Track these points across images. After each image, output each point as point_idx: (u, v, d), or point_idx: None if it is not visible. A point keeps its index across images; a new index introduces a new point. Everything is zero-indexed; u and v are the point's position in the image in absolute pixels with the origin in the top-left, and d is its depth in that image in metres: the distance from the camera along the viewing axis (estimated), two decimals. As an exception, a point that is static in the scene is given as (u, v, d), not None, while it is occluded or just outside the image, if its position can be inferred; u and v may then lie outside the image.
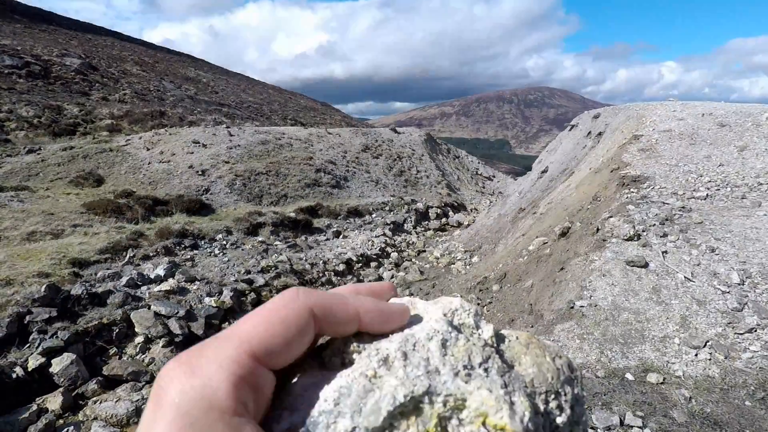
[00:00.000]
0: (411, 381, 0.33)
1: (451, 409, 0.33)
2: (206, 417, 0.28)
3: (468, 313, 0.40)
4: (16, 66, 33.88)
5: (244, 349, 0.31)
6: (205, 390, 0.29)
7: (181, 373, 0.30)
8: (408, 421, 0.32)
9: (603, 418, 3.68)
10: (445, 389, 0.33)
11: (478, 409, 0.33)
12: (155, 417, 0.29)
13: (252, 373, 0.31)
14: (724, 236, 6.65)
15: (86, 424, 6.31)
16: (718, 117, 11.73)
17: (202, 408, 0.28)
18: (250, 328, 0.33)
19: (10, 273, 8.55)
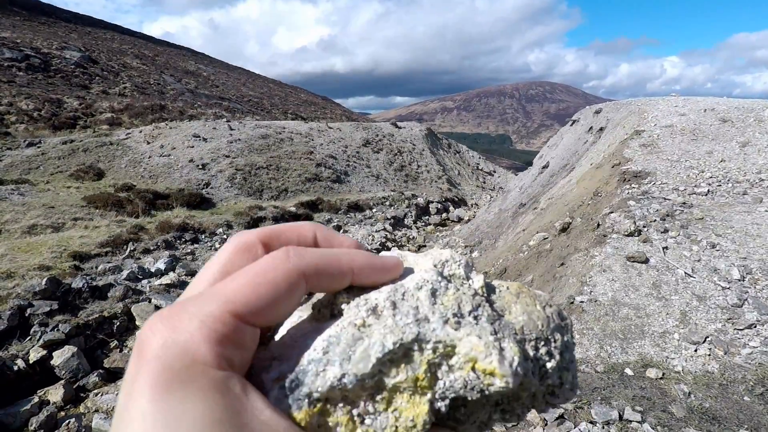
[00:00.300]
0: (400, 329, 0.33)
1: (441, 356, 0.33)
2: (189, 371, 0.28)
3: (458, 264, 0.39)
4: (15, 59, 33.78)
5: (227, 309, 0.31)
6: (188, 345, 0.29)
7: (163, 327, 0.30)
8: (397, 368, 0.33)
9: (602, 413, 3.70)
10: (434, 336, 0.33)
11: (468, 354, 0.33)
12: (138, 370, 0.29)
13: (235, 331, 0.31)
14: (725, 232, 6.65)
15: (87, 417, 6.34)
16: (720, 112, 11.69)
17: (185, 362, 0.28)
18: (236, 287, 0.32)
19: (11, 266, 8.57)
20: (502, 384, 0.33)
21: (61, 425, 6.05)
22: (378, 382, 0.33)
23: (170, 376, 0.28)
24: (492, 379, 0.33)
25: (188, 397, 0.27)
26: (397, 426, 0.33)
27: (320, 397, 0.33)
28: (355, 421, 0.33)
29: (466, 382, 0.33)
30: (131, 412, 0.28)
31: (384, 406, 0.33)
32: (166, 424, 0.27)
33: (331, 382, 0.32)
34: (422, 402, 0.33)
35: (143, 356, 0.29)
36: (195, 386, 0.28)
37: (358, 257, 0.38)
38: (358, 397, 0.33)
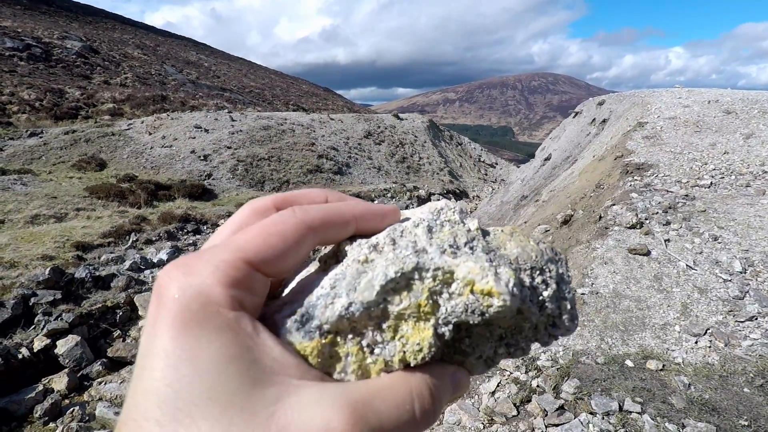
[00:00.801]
0: (400, 260, 0.35)
1: (441, 283, 0.35)
2: (205, 310, 0.30)
3: (453, 211, 0.41)
4: (17, 48, 33.68)
5: (239, 256, 0.33)
6: (202, 287, 0.31)
7: (179, 273, 0.32)
8: (400, 295, 0.35)
9: (602, 404, 3.72)
10: (432, 264, 0.35)
11: (465, 278, 0.35)
12: (158, 313, 0.31)
13: (246, 276, 0.33)
14: (727, 225, 6.63)
15: (91, 405, 6.40)
16: (724, 104, 11.62)
17: (200, 302, 0.30)
18: (248, 238, 0.35)
19: (15, 255, 8.61)
20: (500, 303, 0.35)
21: (66, 413, 6.12)
22: (383, 311, 0.35)
23: (187, 316, 0.30)
24: (490, 299, 0.35)
25: (204, 335, 0.30)
26: (404, 351, 0.35)
27: (330, 329, 0.34)
28: (364, 351, 0.35)
29: (467, 306, 0.35)
30: (154, 350, 0.30)
31: (391, 334, 0.35)
32: (186, 358, 0.29)
33: (339, 311, 0.34)
34: (426, 327, 0.35)
35: (162, 300, 0.31)
36: (210, 325, 0.30)
37: (358, 206, 0.41)
38: (365, 328, 0.35)
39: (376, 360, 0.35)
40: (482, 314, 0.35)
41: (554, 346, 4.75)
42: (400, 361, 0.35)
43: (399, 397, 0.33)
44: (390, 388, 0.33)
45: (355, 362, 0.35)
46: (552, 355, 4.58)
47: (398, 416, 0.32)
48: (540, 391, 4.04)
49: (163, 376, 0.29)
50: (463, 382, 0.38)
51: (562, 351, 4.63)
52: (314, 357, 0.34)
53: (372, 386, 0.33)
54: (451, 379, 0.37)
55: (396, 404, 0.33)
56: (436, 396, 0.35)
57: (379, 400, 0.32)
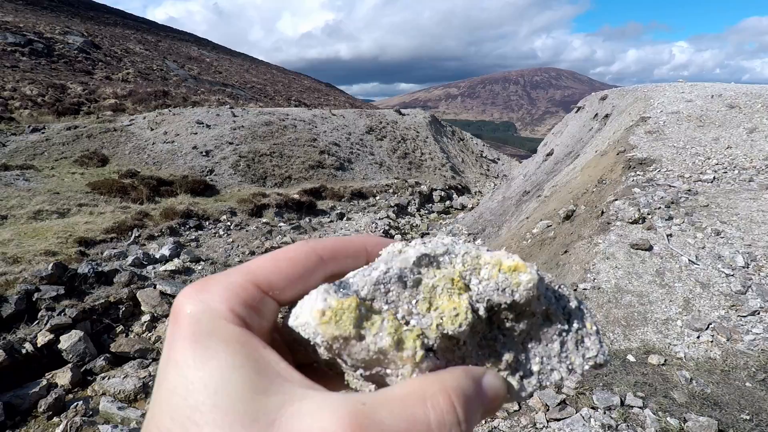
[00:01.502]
0: (431, 248, 0.37)
1: (470, 268, 0.37)
2: (213, 324, 0.33)
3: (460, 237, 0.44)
4: (18, 44, 33.67)
5: (249, 279, 0.36)
6: (212, 303, 0.34)
7: (194, 292, 0.35)
8: (434, 270, 0.37)
9: (604, 399, 3.72)
10: (461, 250, 0.38)
11: (492, 259, 0.37)
12: (174, 329, 0.34)
13: (254, 298, 0.35)
14: (729, 219, 6.61)
15: (95, 400, 6.44)
16: (728, 98, 11.56)
17: (209, 316, 0.33)
18: (259, 263, 0.37)
19: (18, 251, 8.64)
20: (528, 277, 0.36)
21: (69, 407, 6.16)
22: (417, 282, 0.36)
23: (198, 329, 0.33)
24: (518, 275, 0.36)
25: (212, 346, 0.32)
26: (442, 318, 0.35)
27: (366, 295, 0.35)
28: (400, 322, 0.35)
29: (497, 284, 0.36)
30: (169, 363, 0.32)
31: (426, 306, 0.36)
32: (194, 367, 0.31)
33: (377, 276, 0.36)
34: (462, 299, 0.36)
35: (177, 317, 0.34)
36: (218, 337, 0.32)
37: (369, 238, 0.42)
38: (400, 299, 0.36)
39: (411, 329, 0.35)
40: (512, 292, 0.36)
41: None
42: (437, 327, 0.35)
43: (411, 408, 0.31)
44: (402, 398, 0.32)
45: (391, 327, 0.35)
46: (553, 350, 4.58)
47: (408, 428, 0.30)
48: (541, 386, 4.05)
49: (174, 386, 0.31)
50: (496, 386, 0.36)
51: (563, 346, 4.64)
52: (351, 312, 0.34)
53: (382, 395, 0.32)
54: (480, 382, 0.35)
55: (406, 415, 0.31)
56: (460, 405, 0.32)
57: (387, 411, 0.30)
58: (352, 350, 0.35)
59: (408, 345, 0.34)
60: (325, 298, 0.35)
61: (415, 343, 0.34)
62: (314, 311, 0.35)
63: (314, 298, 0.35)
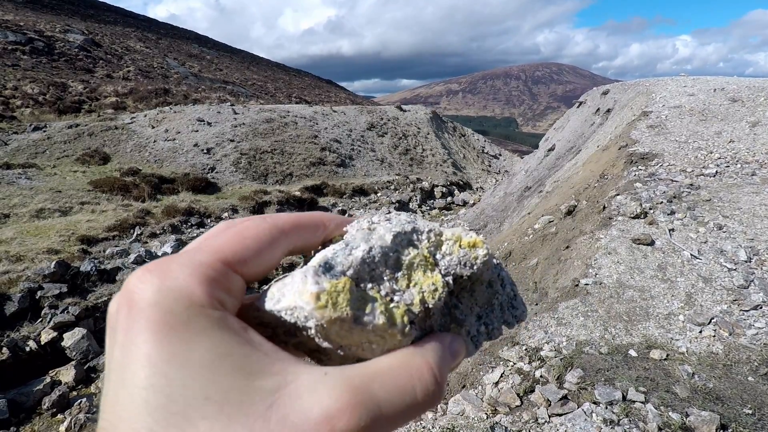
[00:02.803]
0: (399, 226, 0.40)
1: (434, 244, 0.40)
2: (189, 312, 0.30)
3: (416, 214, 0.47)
4: (19, 42, 33.67)
5: (217, 257, 0.34)
6: (184, 289, 0.30)
7: (154, 276, 0.31)
8: (408, 248, 0.39)
9: (605, 394, 3.72)
10: (425, 227, 0.41)
11: (452, 235, 0.41)
12: (132, 318, 0.30)
13: (225, 276, 0.33)
14: (732, 214, 6.59)
15: (98, 396, 6.47)
16: (730, 92, 11.50)
17: (183, 304, 0.30)
18: (223, 240, 0.35)
19: (21, 249, 8.67)
20: (484, 252, 0.41)
21: (73, 404, 6.19)
22: (397, 261, 0.38)
23: (171, 319, 0.29)
24: (476, 250, 0.40)
25: (192, 337, 0.29)
26: (422, 293, 0.38)
27: (353, 275, 0.36)
28: (386, 300, 0.37)
29: (459, 259, 0.40)
30: (134, 359, 0.29)
31: (405, 283, 0.38)
32: (175, 363, 0.28)
33: (361, 255, 0.36)
34: (435, 273, 0.39)
35: (135, 305, 0.30)
36: (197, 326, 0.30)
37: (324, 213, 0.44)
38: (383, 277, 0.37)
39: (398, 305, 0.37)
40: (472, 266, 0.40)
41: (557, 337, 4.74)
42: (420, 302, 0.37)
43: (400, 381, 0.33)
44: (389, 372, 0.33)
45: (381, 305, 0.36)
46: (555, 346, 4.58)
47: (400, 400, 0.32)
48: (543, 381, 4.05)
49: (150, 383, 0.28)
50: (460, 350, 0.40)
51: (565, 341, 4.64)
52: (346, 293, 0.35)
53: (371, 369, 0.33)
54: (450, 349, 0.39)
55: (396, 388, 0.33)
56: (439, 375, 0.35)
57: (378, 385, 0.32)
58: (348, 331, 0.35)
59: (397, 321, 0.36)
60: (317, 281, 0.34)
61: (403, 318, 0.36)
62: (307, 295, 0.34)
63: (302, 281, 0.35)
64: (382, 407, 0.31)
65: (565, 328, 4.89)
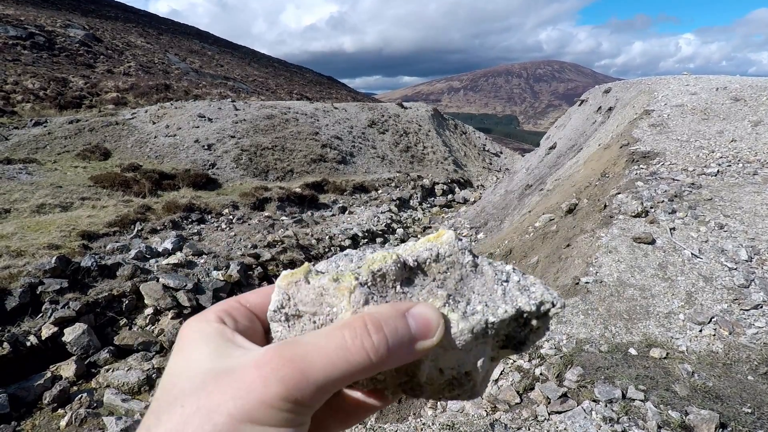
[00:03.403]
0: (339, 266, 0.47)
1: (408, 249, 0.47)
2: (198, 323, 0.45)
3: None
4: (20, 37, 33.60)
5: (234, 299, 0.49)
6: (201, 316, 0.46)
7: (192, 319, 0.46)
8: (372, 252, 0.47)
9: (605, 392, 3.73)
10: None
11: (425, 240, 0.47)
12: (178, 342, 0.45)
13: (235, 309, 0.47)
14: (733, 213, 6.58)
15: (99, 392, 6.49)
16: (733, 91, 11.48)
17: (197, 320, 0.45)
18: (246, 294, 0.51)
19: (21, 244, 8.67)
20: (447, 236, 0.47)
21: (74, 399, 6.20)
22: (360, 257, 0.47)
23: (187, 331, 0.44)
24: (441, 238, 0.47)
25: (195, 338, 0.43)
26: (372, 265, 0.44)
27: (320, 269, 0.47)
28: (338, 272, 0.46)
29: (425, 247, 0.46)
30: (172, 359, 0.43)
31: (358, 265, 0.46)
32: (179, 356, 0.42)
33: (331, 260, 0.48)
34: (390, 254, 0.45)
35: (180, 336, 0.45)
36: (199, 332, 0.43)
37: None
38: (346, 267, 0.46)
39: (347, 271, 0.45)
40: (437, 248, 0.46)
41: (557, 335, 4.75)
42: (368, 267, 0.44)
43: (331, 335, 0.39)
44: (324, 331, 0.40)
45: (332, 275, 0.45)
46: (555, 344, 4.59)
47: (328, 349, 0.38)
48: (543, 379, 4.05)
49: (168, 371, 0.41)
50: (426, 316, 0.42)
51: (565, 339, 4.64)
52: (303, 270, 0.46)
53: (309, 333, 0.43)
54: (407, 315, 0.42)
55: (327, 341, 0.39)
56: (372, 326, 0.40)
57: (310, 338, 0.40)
58: (301, 292, 0.44)
59: (345, 280, 0.43)
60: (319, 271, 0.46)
61: (349, 277, 0.43)
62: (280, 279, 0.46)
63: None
64: (309, 354, 0.37)
65: (565, 326, 4.90)
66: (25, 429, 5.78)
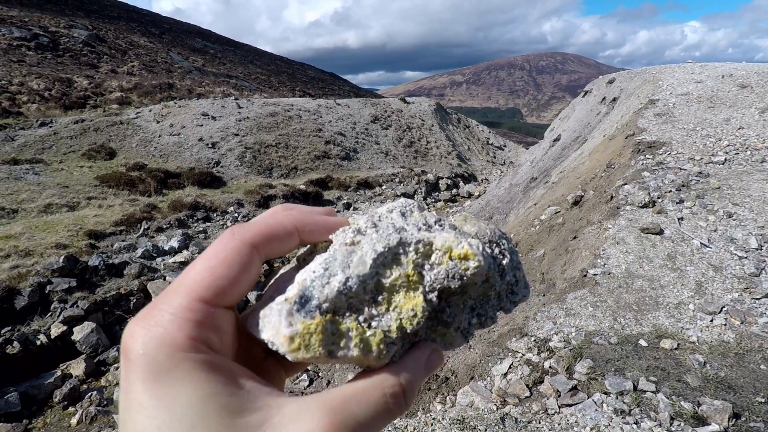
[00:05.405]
0: (384, 238, 0.39)
1: (422, 255, 0.39)
2: (171, 359, 0.31)
3: (413, 205, 0.45)
4: (24, 38, 33.74)
5: (193, 297, 0.34)
6: (164, 337, 0.32)
7: (140, 328, 0.33)
8: (390, 269, 0.38)
9: (616, 384, 3.70)
10: (413, 238, 0.39)
11: (443, 245, 0.39)
12: (128, 368, 0.32)
13: (205, 315, 0.34)
14: (742, 201, 6.51)
15: (109, 390, 6.53)
16: (739, 78, 11.34)
17: (166, 352, 0.31)
18: (194, 275, 0.35)
19: (30, 244, 8.72)
20: (476, 264, 0.39)
21: (84, 397, 6.25)
22: (377, 284, 0.38)
23: (156, 368, 0.31)
24: (467, 262, 0.39)
25: (176, 382, 0.31)
26: (401, 319, 0.38)
27: (329, 307, 0.36)
28: (362, 326, 0.37)
29: (447, 272, 0.39)
30: (130, 405, 0.31)
31: (385, 306, 0.38)
32: (163, 407, 0.30)
33: (337, 287, 0.36)
34: (417, 295, 0.38)
35: (129, 357, 0.32)
36: (180, 371, 0.31)
37: (296, 213, 0.41)
38: (361, 303, 0.37)
39: (374, 332, 0.37)
40: (461, 278, 0.39)
41: (566, 327, 4.72)
42: (397, 329, 0.38)
43: (374, 400, 0.36)
44: (365, 392, 0.36)
45: (356, 336, 0.37)
46: (564, 336, 4.56)
47: (375, 416, 0.35)
48: (553, 372, 4.03)
49: (143, 427, 0.30)
50: (435, 363, 0.41)
51: (574, 332, 4.61)
52: (318, 334, 0.35)
53: (347, 391, 0.36)
54: (425, 364, 0.40)
55: (371, 406, 0.35)
56: (409, 388, 0.38)
57: (356, 404, 0.34)
58: (325, 362, 0.37)
59: (373, 348, 0.37)
60: (291, 322, 0.35)
61: (379, 346, 0.37)
62: (281, 337, 0.35)
63: (278, 320, 0.36)
64: (361, 423, 0.34)
65: (573, 318, 4.87)
66: (36, 427, 5.84)
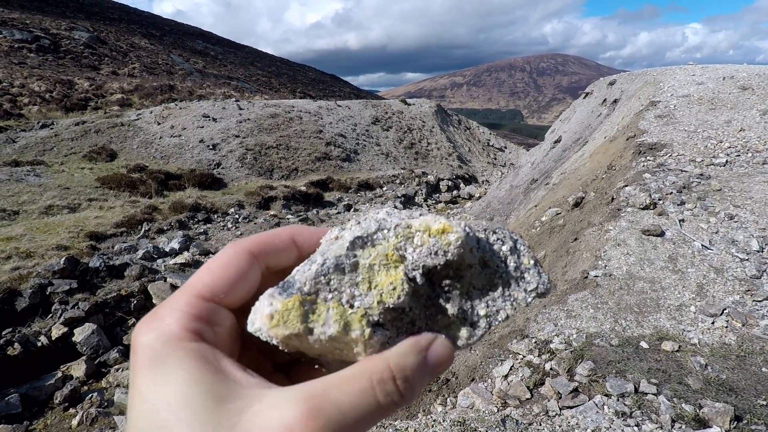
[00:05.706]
0: (364, 228, 0.40)
1: (403, 238, 0.39)
2: (167, 347, 0.35)
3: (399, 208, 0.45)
4: (26, 40, 33.82)
5: (193, 293, 0.39)
6: (163, 328, 0.36)
7: (145, 323, 0.37)
8: (368, 249, 0.39)
9: (617, 386, 3.69)
10: (392, 223, 0.40)
11: (421, 225, 0.39)
12: (133, 360, 0.36)
13: (203, 310, 0.38)
14: (743, 203, 6.50)
15: (110, 391, 6.53)
16: (740, 80, 11.34)
17: (162, 341, 0.35)
18: (195, 277, 0.40)
19: (31, 246, 8.73)
20: (455, 236, 0.38)
21: (85, 399, 6.25)
22: (354, 265, 0.38)
23: (154, 355, 0.35)
24: (447, 236, 0.39)
25: (168, 368, 0.34)
26: (381, 294, 0.38)
27: (309, 290, 0.37)
28: (344, 306, 0.37)
29: (429, 249, 0.39)
30: (134, 393, 0.34)
31: (366, 286, 0.38)
32: (155, 390, 0.33)
33: (315, 269, 0.38)
34: (397, 272, 0.38)
35: (134, 349, 0.36)
36: (174, 358, 0.34)
37: (296, 228, 0.45)
38: (342, 284, 0.38)
39: (356, 311, 0.37)
40: (444, 253, 0.38)
41: (567, 329, 4.72)
42: (378, 303, 0.37)
43: (358, 387, 0.34)
44: (349, 379, 0.35)
45: (336, 314, 0.37)
46: (565, 338, 4.55)
47: (359, 404, 0.34)
48: (553, 374, 4.03)
49: (139, 411, 0.33)
50: (440, 355, 0.39)
51: (575, 334, 4.61)
52: (296, 311, 0.36)
53: (331, 379, 0.35)
54: (426, 356, 0.38)
55: (355, 393, 0.34)
56: (400, 375, 0.36)
57: (338, 391, 0.34)
58: (307, 344, 0.37)
59: (355, 326, 0.37)
60: (271, 302, 0.37)
61: (360, 323, 0.37)
62: (263, 317, 0.37)
63: (262, 304, 0.37)
64: (343, 412, 0.33)
65: (574, 320, 4.86)
66: (37, 428, 5.83)
